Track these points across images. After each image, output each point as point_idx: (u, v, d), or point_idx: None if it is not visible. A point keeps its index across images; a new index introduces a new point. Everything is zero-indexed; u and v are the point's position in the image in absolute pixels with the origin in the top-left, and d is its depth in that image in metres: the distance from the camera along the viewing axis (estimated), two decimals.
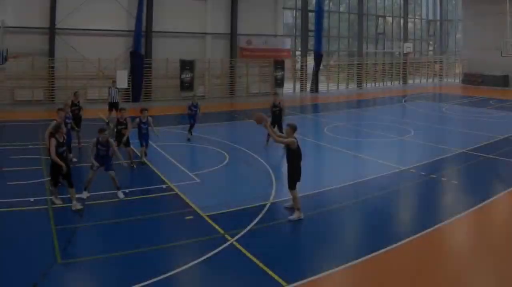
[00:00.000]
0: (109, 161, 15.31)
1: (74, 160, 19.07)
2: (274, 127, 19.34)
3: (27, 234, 12.15)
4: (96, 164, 14.96)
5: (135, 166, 18.62)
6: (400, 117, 34.90)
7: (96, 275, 10.22)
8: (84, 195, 14.87)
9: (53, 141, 13.68)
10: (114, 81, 31.03)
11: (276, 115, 22.55)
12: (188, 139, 23.43)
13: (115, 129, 18.91)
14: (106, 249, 11.29)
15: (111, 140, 15.72)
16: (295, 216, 13.40)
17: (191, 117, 24.15)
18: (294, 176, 13.63)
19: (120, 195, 15.09)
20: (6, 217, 13.18)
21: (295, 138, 13.66)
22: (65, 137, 14.96)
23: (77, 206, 13.96)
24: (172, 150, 21.45)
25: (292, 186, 13.61)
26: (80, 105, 22.46)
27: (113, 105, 27.94)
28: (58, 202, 14.31)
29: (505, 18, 47.46)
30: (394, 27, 61.13)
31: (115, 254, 10.93)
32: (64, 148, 14.28)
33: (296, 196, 13.58)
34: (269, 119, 18.33)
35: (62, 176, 14.12)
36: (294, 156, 13.66)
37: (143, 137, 19.46)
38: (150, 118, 19.73)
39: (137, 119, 19.46)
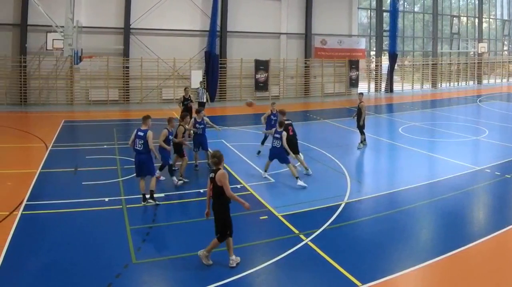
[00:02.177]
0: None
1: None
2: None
3: (102, 234, 11.44)
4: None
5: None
6: (475, 117, 32.18)
7: (170, 276, 9.58)
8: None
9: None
10: (202, 81, 30.61)
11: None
12: (259, 152, 19.70)
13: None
14: (180, 249, 10.62)
15: (206, 118, 17.08)
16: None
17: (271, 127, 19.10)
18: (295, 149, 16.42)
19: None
20: (82, 217, 12.47)
21: (284, 130, 15.58)
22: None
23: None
24: (246, 150, 20.26)
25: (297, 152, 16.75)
26: (191, 99, 23.27)
27: (200, 105, 26.44)
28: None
29: None
30: (468, 27, 55.93)
31: (190, 254, 10.22)
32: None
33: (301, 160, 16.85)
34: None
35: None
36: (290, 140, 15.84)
37: (201, 140, 17.09)
38: (206, 118, 17.59)
39: (192, 120, 17.10)
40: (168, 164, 15.25)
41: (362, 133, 21.18)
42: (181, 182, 15.28)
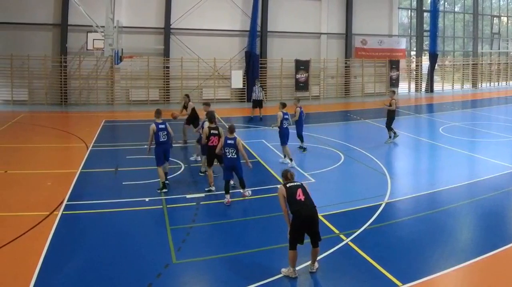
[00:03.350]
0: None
1: None
2: None
3: (143, 234, 11.14)
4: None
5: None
6: None
7: (211, 275, 9.25)
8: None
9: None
10: (258, 80, 30.08)
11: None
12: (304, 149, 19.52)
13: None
14: (221, 249, 10.28)
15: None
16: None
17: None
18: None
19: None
20: (122, 217, 12.15)
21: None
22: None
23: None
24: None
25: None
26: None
27: (257, 103, 26.91)
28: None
29: None
30: (509, 27, 52.61)
31: (230, 254, 9.97)
32: None
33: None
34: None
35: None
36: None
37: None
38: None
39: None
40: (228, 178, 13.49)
41: (388, 129, 21.24)
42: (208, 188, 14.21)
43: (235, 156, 13.02)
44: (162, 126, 14.14)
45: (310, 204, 8.87)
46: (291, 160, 16.98)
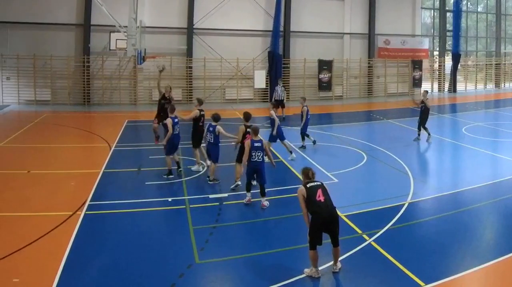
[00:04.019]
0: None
1: None
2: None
3: (165, 233, 11.03)
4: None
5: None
6: None
7: (234, 275, 8.96)
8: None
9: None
10: (280, 79, 29.49)
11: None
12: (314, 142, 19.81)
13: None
14: (244, 249, 10.00)
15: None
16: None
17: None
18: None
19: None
20: (145, 217, 11.94)
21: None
22: None
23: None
24: (309, 150, 19.20)
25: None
26: (171, 99, 18.30)
27: (279, 103, 25.90)
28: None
29: None
30: None
31: (253, 254, 9.68)
32: None
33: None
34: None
35: None
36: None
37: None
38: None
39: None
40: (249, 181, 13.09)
41: (423, 128, 20.88)
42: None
43: (261, 159, 12.51)
44: (176, 120, 15.12)
45: (330, 205, 8.68)
46: (291, 152, 17.43)
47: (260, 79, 33.34)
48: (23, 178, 14.98)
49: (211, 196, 13.28)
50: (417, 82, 41.20)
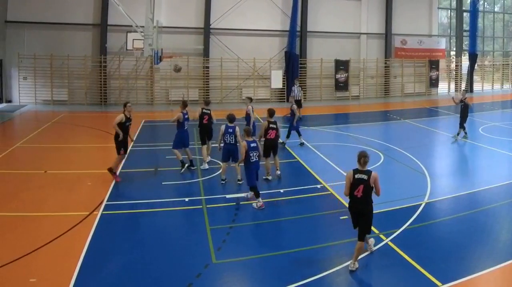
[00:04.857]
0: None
1: None
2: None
3: (182, 233, 10.90)
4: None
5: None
6: None
7: (251, 275, 8.93)
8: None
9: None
10: (297, 79, 28.57)
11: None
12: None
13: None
14: (261, 249, 9.90)
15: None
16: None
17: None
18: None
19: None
20: (161, 217, 11.77)
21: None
22: None
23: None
24: (326, 150, 18.96)
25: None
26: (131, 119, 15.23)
27: (296, 103, 24.23)
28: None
29: None
30: None
31: (270, 254, 9.58)
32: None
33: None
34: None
35: None
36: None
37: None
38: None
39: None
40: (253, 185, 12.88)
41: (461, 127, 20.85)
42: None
43: (257, 159, 12.65)
44: (187, 116, 15.50)
45: (364, 202, 8.78)
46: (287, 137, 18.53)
47: (277, 79, 32.63)
48: (40, 178, 14.73)
49: (227, 196, 13.10)
50: (434, 82, 40.26)
